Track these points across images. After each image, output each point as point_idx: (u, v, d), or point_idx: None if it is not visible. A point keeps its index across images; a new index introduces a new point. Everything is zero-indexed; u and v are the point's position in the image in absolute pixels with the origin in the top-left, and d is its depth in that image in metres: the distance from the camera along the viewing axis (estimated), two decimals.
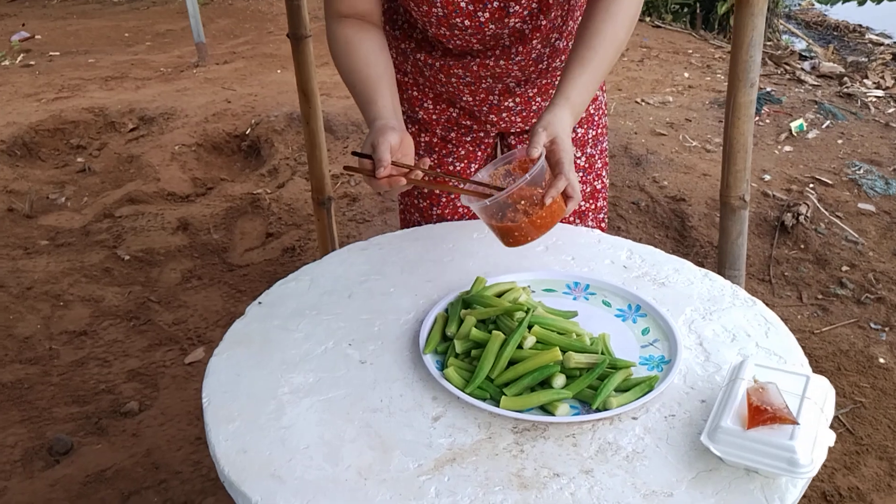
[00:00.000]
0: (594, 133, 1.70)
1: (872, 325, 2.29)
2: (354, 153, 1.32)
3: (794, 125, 3.18)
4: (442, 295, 1.46)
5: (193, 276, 2.78)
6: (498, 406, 1.19)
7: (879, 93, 3.53)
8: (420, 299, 1.46)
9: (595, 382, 1.22)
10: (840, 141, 3.10)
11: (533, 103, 1.61)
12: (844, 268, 2.49)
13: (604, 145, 1.75)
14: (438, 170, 1.81)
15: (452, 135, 1.68)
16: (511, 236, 1.34)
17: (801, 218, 2.64)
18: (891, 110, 3.35)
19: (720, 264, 2.34)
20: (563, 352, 1.24)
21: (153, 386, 2.33)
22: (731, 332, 1.35)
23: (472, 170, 1.74)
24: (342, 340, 1.37)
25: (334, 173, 3.36)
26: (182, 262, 2.86)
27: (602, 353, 1.27)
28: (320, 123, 2.46)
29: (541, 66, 1.54)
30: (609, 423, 1.18)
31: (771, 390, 1.08)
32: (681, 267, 1.54)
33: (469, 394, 1.21)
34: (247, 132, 3.73)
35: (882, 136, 3.12)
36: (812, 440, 1.05)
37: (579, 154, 1.70)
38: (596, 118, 1.69)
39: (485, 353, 1.25)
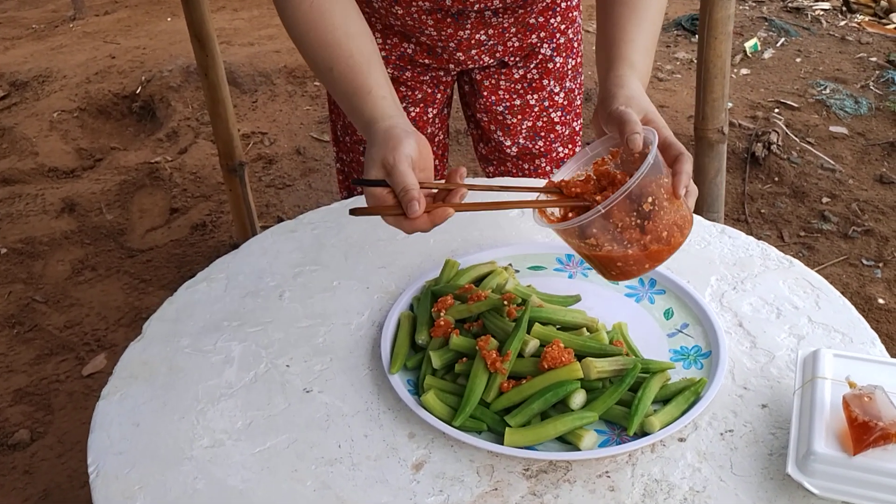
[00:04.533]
0: (574, 63, 1.37)
1: (865, 262, 2.08)
2: (357, 181, 0.91)
3: (748, 45, 2.93)
4: (402, 286, 1.13)
5: (86, 266, 2.36)
6: (501, 442, 0.88)
7: (826, 5, 3.31)
8: (374, 294, 1.13)
9: (625, 395, 0.92)
10: (798, 59, 2.87)
11: (506, 35, 1.27)
12: (825, 199, 2.27)
13: (582, 78, 1.42)
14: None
15: (407, 74, 1.32)
16: (625, 264, 0.88)
17: (773, 147, 2.40)
18: (842, 23, 3.14)
19: (697, 207, 2.08)
20: (579, 358, 0.93)
21: (46, 408, 1.94)
22: (773, 306, 1.07)
23: (430, 115, 1.39)
24: (277, 361, 1.03)
25: (244, 132, 2.94)
26: (71, 250, 2.43)
27: (626, 354, 0.97)
28: (221, 74, 2.05)
29: None
30: (651, 450, 0.88)
31: (878, 397, 0.80)
32: None
33: (459, 428, 0.90)
34: (137, 91, 3.25)
35: (841, 51, 2.91)
36: None
37: (558, 89, 1.37)
38: (575, 44, 1.36)
39: (474, 368, 0.93)
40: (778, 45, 2.99)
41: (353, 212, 0.88)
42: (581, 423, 0.88)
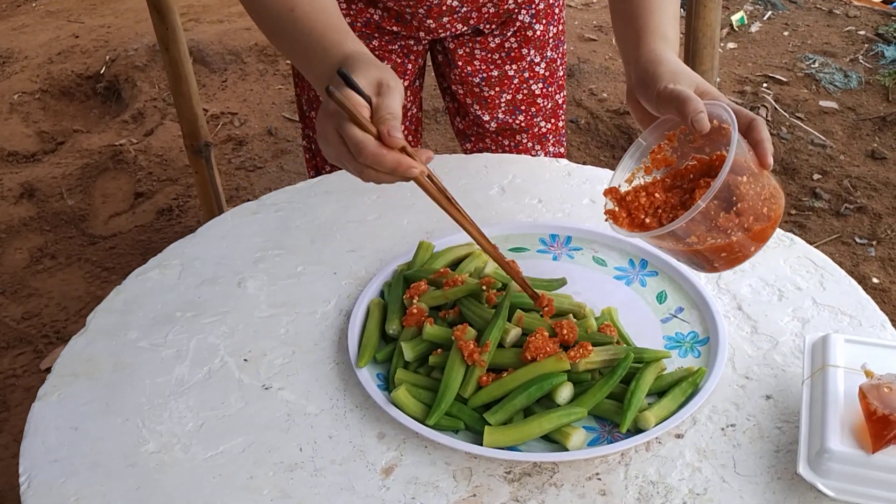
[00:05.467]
0: (555, 30, 1.28)
1: (858, 240, 2.01)
2: (343, 72, 0.77)
3: (734, 18, 2.85)
4: (373, 271, 1.04)
5: (45, 254, 2.25)
6: (480, 443, 0.79)
7: None
8: (342, 280, 1.04)
9: (617, 388, 0.83)
10: (786, 33, 2.79)
11: (480, 0, 1.16)
12: (816, 176, 2.20)
13: (564, 47, 1.32)
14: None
15: (374, 43, 1.22)
16: (730, 253, 0.80)
17: None
18: None
19: None
20: (565, 348, 0.85)
21: (1, 404, 1.84)
22: (774, 287, 0.99)
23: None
24: (234, 355, 0.94)
25: (213, 113, 2.82)
26: (29, 238, 2.31)
27: (617, 342, 0.88)
28: (184, 49, 1.93)
29: None
30: (645, 449, 0.80)
31: None
32: None
33: (433, 427, 0.81)
34: (101, 71, 3.11)
35: (829, 24, 2.83)
36: None
37: (539, 59, 1.27)
38: (556, 10, 1.27)
39: (450, 361, 0.84)
40: (765, 18, 2.91)
41: (329, 91, 0.74)
42: (568, 419, 0.80)
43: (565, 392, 0.82)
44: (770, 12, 2.87)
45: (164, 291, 1.05)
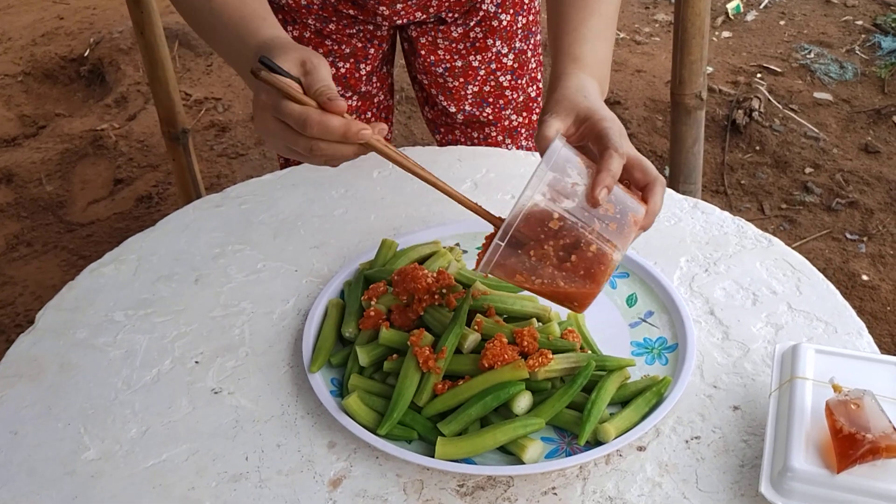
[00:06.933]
0: (525, 21, 1.23)
1: (848, 236, 1.97)
2: (264, 61, 0.74)
3: (730, 7, 2.79)
4: (335, 269, 1.01)
5: (21, 241, 2.21)
6: (432, 455, 0.76)
7: None
8: (303, 278, 1.00)
9: (578, 397, 0.80)
10: (782, 22, 2.74)
11: None
12: (808, 169, 2.16)
13: (538, 38, 1.28)
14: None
15: (331, 26, 1.17)
16: (571, 298, 0.76)
17: (755, 114, 2.28)
18: None
19: (672, 178, 1.96)
20: (525, 356, 0.81)
21: None
22: (749, 290, 0.95)
23: (363, 72, 1.24)
24: (185, 357, 0.90)
25: (197, 98, 2.77)
26: (6, 224, 2.28)
27: (581, 348, 0.85)
28: (159, 33, 1.88)
29: None
30: (605, 462, 0.77)
31: (867, 405, 0.68)
32: None
33: (385, 437, 0.77)
34: (85, 54, 3.06)
35: (826, 13, 2.78)
36: None
37: (506, 50, 1.23)
38: (526, 0, 1.21)
39: (404, 367, 0.81)
40: (761, 6, 2.86)
41: (256, 72, 0.73)
42: (525, 431, 0.76)
43: (523, 402, 0.78)
44: (766, 0, 2.82)
45: (117, 288, 1.01)
